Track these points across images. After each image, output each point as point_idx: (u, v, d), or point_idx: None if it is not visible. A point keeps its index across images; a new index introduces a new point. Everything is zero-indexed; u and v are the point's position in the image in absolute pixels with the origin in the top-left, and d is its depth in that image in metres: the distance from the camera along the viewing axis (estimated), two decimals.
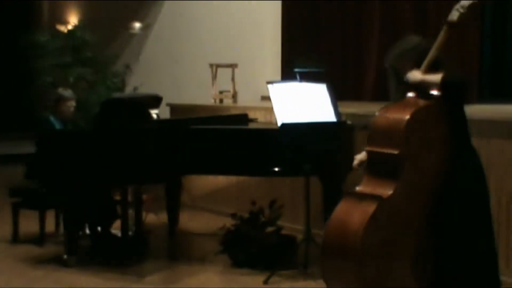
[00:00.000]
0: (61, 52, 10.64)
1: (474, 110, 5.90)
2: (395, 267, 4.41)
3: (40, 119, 7.53)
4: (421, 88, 4.41)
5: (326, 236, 4.44)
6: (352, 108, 6.87)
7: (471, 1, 4.38)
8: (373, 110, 4.47)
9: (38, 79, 11.06)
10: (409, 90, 4.48)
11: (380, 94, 7.98)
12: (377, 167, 4.45)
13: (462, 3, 4.39)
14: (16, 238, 7.23)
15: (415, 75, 4.41)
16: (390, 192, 4.28)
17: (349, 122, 6.19)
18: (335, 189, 6.08)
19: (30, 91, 11.11)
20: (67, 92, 7.13)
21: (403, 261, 4.43)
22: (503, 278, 5.12)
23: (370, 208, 4.25)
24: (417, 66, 4.45)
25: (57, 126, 6.94)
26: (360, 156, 4.73)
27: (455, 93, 4.38)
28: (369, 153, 4.51)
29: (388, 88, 4.78)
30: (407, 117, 4.28)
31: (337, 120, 5.95)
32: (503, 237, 5.55)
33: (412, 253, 4.46)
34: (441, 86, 4.30)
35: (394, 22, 8.07)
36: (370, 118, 4.56)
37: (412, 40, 4.62)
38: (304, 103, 6.05)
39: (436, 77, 4.31)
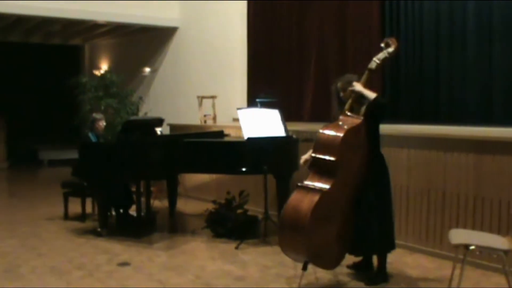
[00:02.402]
0: (96, 88, 10.52)
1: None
2: (328, 236, 4.30)
3: (82, 135, 7.47)
4: (358, 99, 4.33)
5: (283, 216, 4.34)
6: (296, 126, 6.74)
7: (385, 55, 4.41)
8: (311, 127, 4.32)
9: (80, 108, 10.99)
10: (343, 113, 4.39)
11: (315, 116, 7.85)
12: (320, 168, 4.35)
13: (379, 56, 4.42)
14: (66, 217, 7.18)
15: (359, 86, 4.33)
16: (328, 186, 4.22)
17: (294, 136, 6.07)
18: (285, 183, 6.02)
19: (76, 115, 10.88)
20: (99, 115, 6.99)
21: (333, 232, 4.34)
22: (398, 241, 5.02)
23: (315, 198, 4.17)
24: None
25: (93, 139, 6.77)
26: (305, 156, 4.69)
27: (379, 110, 4.32)
28: (314, 158, 4.41)
29: (331, 106, 4.75)
30: (342, 135, 4.24)
31: (286, 135, 5.87)
32: (398, 214, 5.47)
33: (339, 225, 4.37)
34: (373, 101, 4.24)
35: (325, 66, 7.94)
36: (313, 133, 4.42)
37: (351, 77, 4.55)
38: (263, 123, 5.94)
39: (372, 94, 4.26)
